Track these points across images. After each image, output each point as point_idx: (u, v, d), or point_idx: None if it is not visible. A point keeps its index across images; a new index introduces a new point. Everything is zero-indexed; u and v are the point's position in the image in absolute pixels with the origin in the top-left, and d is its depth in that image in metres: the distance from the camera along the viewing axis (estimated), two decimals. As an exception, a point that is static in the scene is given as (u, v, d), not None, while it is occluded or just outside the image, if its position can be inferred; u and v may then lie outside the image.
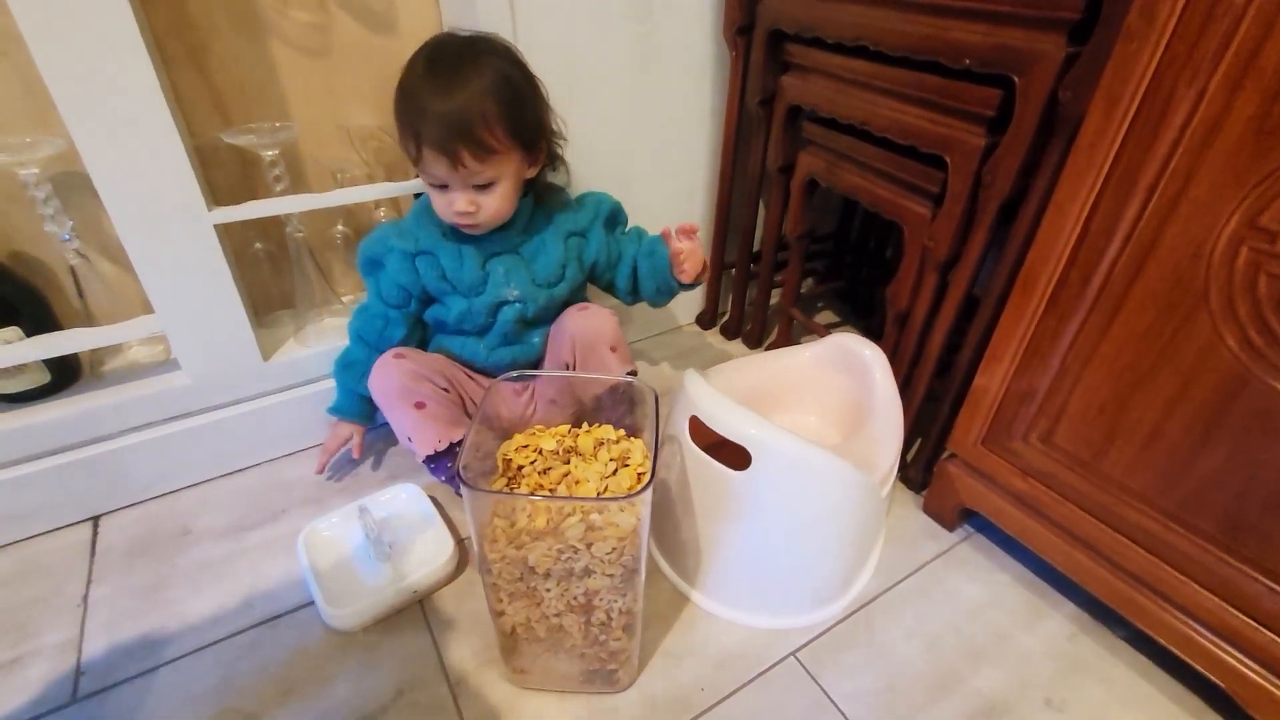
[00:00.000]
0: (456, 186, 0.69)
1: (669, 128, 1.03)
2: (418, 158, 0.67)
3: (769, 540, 0.65)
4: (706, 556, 0.68)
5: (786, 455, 0.61)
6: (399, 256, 0.75)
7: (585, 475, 0.57)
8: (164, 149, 0.66)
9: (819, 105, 0.84)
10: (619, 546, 0.51)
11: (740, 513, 0.64)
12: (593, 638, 0.57)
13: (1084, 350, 0.61)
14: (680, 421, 0.66)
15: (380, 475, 0.87)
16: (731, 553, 0.67)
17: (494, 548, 0.52)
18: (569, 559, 0.51)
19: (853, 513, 0.67)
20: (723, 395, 0.63)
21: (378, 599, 0.68)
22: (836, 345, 0.79)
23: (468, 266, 0.75)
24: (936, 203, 0.73)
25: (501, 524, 0.52)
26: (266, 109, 0.81)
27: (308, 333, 0.87)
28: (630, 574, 0.53)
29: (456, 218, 0.70)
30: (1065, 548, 0.69)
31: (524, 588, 0.54)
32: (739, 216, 1.09)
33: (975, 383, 0.72)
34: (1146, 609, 0.63)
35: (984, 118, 0.65)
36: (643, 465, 0.58)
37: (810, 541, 0.66)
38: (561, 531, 0.50)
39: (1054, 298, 0.62)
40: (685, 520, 0.68)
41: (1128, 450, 0.60)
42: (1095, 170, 0.55)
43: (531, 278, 0.78)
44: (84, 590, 0.72)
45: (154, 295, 0.72)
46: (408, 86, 0.67)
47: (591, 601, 0.54)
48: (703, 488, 0.65)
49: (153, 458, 0.80)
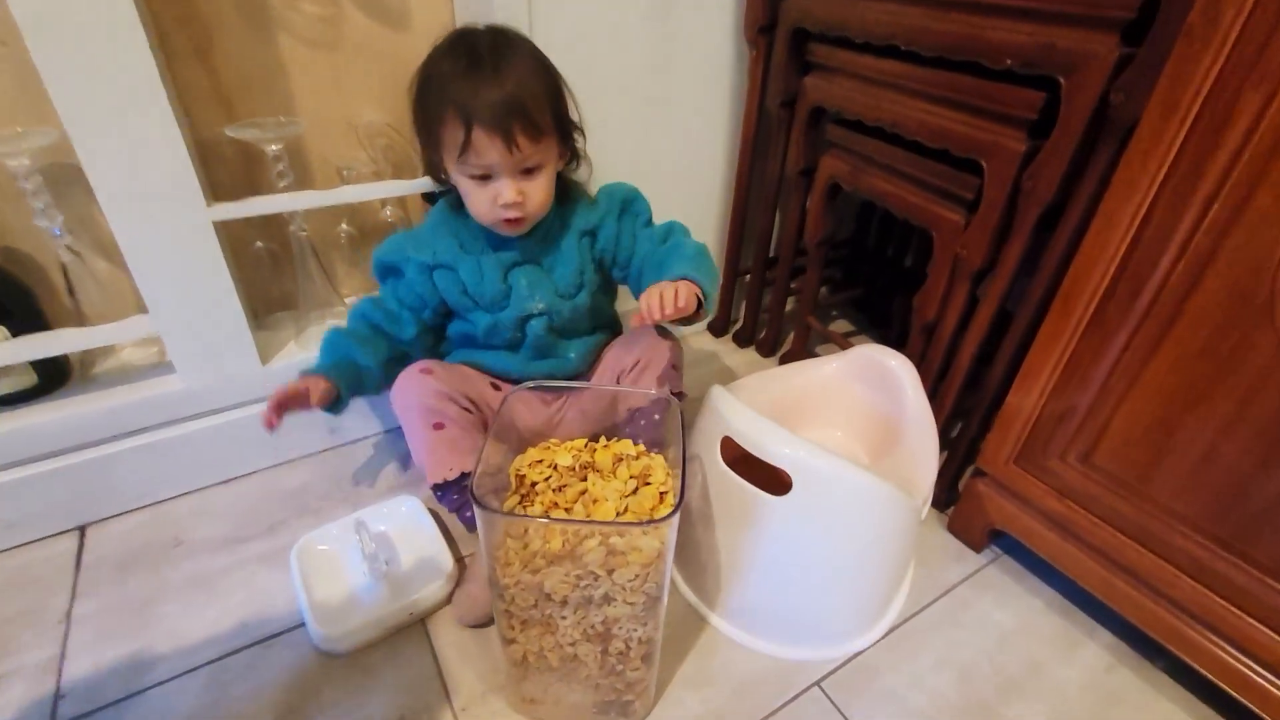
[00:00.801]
0: (504, 174, 0.63)
1: (686, 129, 1.00)
2: (465, 143, 0.60)
3: (803, 568, 0.61)
4: (731, 580, 0.65)
5: (831, 480, 0.57)
6: (416, 268, 0.70)
7: (604, 494, 0.54)
8: (162, 142, 0.63)
9: (844, 107, 0.81)
10: (642, 573, 0.47)
11: (775, 538, 0.60)
12: (609, 667, 0.54)
13: (1131, 367, 0.58)
14: (707, 440, 0.63)
15: (380, 486, 0.84)
16: (760, 578, 0.63)
17: (507, 572, 0.48)
18: (588, 586, 0.48)
19: (893, 539, 0.63)
20: (757, 414, 0.59)
21: (372, 621, 0.64)
22: (862, 357, 0.76)
23: (489, 280, 0.71)
24: (970, 210, 0.70)
25: (515, 545, 0.49)
26: (272, 104, 0.78)
27: (309, 335, 0.83)
28: (653, 602, 0.49)
29: (504, 211, 0.64)
30: (1103, 573, 0.65)
31: (539, 615, 0.50)
32: (755, 221, 1.06)
33: (1009, 399, 0.68)
34: (1192, 641, 0.60)
35: (1025, 121, 0.62)
36: (665, 484, 0.55)
37: (847, 570, 0.62)
38: (580, 556, 0.47)
39: (1099, 311, 0.59)
40: (707, 540, 0.65)
41: (1177, 473, 0.57)
42: (1149, 178, 0.52)
43: (554, 289, 0.73)
44: (68, 605, 0.68)
45: (148, 294, 0.69)
46: (443, 73, 0.62)
47: (610, 630, 0.51)
48: (732, 509, 0.62)
49: (144, 465, 0.76)
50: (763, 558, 0.62)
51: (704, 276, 0.67)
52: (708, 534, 0.64)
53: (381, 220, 0.90)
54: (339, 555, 0.71)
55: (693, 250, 0.71)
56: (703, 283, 0.66)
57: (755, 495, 0.58)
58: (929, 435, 0.69)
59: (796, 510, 0.58)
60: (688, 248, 0.71)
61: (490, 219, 0.67)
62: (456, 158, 0.63)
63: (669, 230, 0.76)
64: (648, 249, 0.74)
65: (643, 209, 0.77)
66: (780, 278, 1.06)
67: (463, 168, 0.64)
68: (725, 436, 0.60)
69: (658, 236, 0.75)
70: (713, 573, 0.66)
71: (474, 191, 0.65)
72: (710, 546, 0.65)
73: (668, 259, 0.70)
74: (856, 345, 0.78)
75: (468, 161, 0.62)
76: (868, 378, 0.76)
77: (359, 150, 0.85)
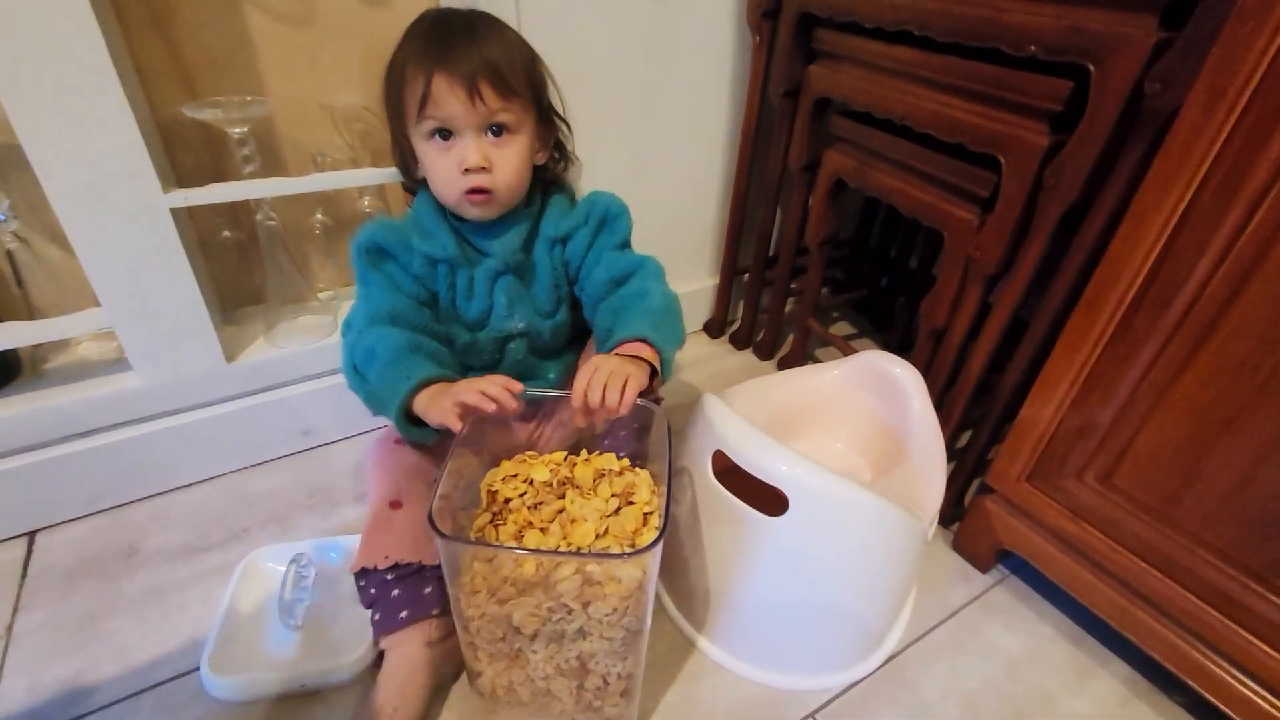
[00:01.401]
0: (468, 132, 0.57)
1: (684, 120, 0.95)
2: (424, 95, 0.54)
3: (800, 592, 0.57)
4: (721, 604, 0.60)
5: (832, 500, 0.52)
6: (422, 260, 0.62)
7: (583, 513, 0.49)
8: (112, 122, 0.58)
9: (851, 97, 0.76)
10: (620, 606, 0.43)
11: (769, 561, 0.56)
12: (585, 703, 0.50)
13: (1159, 382, 0.53)
14: (697, 453, 0.58)
15: (355, 492, 0.79)
16: (752, 603, 0.59)
17: (473, 601, 0.44)
18: (560, 620, 0.43)
19: (896, 563, 0.59)
20: (753, 427, 0.55)
21: (258, 680, 0.57)
22: (866, 364, 0.71)
23: (478, 294, 0.64)
24: (985, 208, 0.66)
25: (483, 569, 0.45)
26: (239, 83, 0.72)
27: (279, 331, 0.79)
28: (633, 636, 0.45)
29: (467, 180, 0.57)
30: (1120, 601, 0.61)
31: (507, 649, 0.46)
32: (755, 218, 1.01)
33: (1023, 412, 0.64)
34: (1216, 677, 0.56)
35: (1049, 113, 0.57)
36: (650, 504, 0.50)
37: (846, 595, 0.58)
38: (553, 584, 0.42)
39: (1125, 321, 0.54)
40: (696, 559, 0.60)
41: (1208, 500, 0.53)
42: (1188, 175, 0.47)
43: (534, 306, 0.67)
44: (9, 619, 0.63)
45: (100, 286, 0.64)
46: (414, 41, 0.58)
47: (586, 665, 0.47)
48: (724, 529, 0.57)
49: (99, 467, 0.71)
50: (756, 581, 0.57)
51: (666, 339, 0.56)
52: (696, 553, 0.60)
53: (359, 210, 0.85)
54: (276, 584, 0.63)
55: (659, 304, 0.60)
56: (663, 348, 0.56)
57: (749, 515, 0.54)
58: (936, 449, 0.65)
59: (793, 532, 0.53)
60: (654, 298, 0.60)
61: (454, 193, 0.59)
62: (415, 117, 0.56)
63: (637, 266, 0.64)
64: (605, 275, 0.64)
65: (622, 229, 0.67)
66: (780, 278, 1.01)
67: (421, 126, 0.57)
68: (717, 450, 0.55)
69: (620, 267, 0.64)
70: (701, 595, 0.61)
71: (437, 159, 0.58)
72: (699, 566, 0.60)
73: (628, 308, 0.60)
74: (860, 351, 0.73)
75: (425, 115, 0.56)
76: (871, 386, 0.71)
77: (334, 135, 0.80)
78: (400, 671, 0.53)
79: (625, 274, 0.64)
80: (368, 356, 0.58)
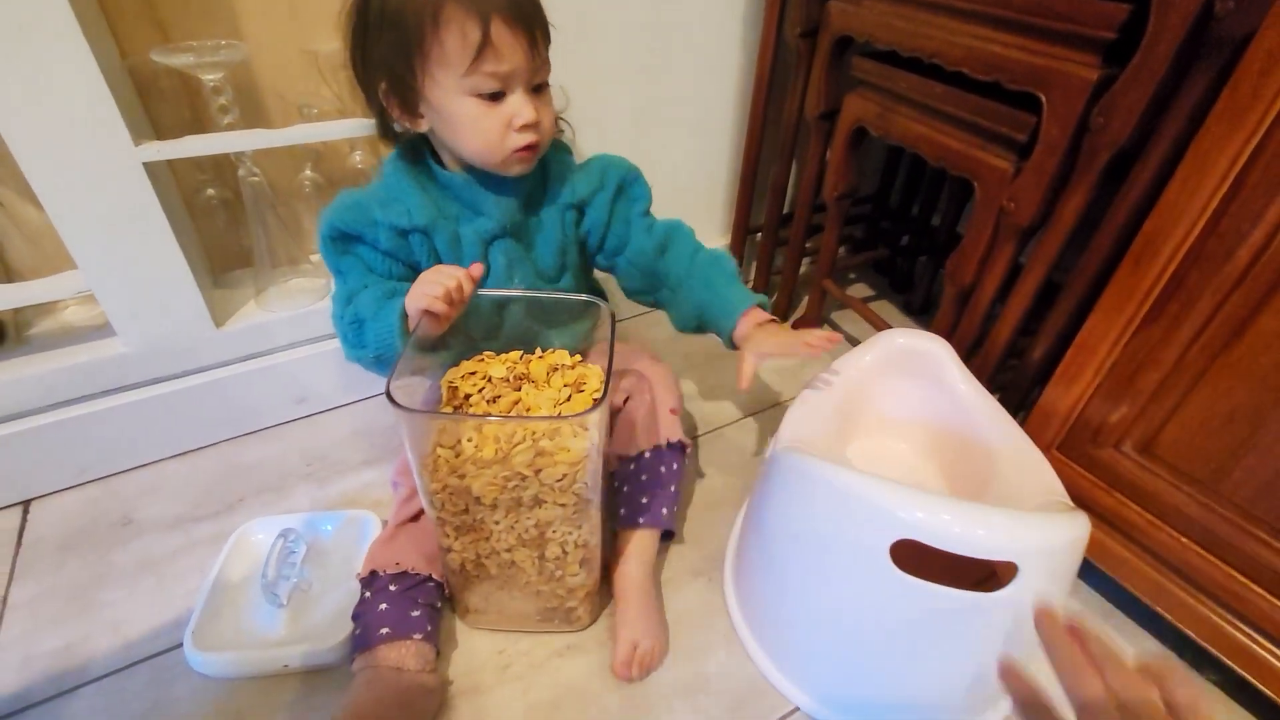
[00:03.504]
0: (520, 87, 0.52)
1: (691, 65, 0.88)
2: (482, 45, 0.48)
3: (958, 654, 0.49)
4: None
5: (1061, 551, 0.45)
6: (388, 233, 0.57)
7: (537, 403, 0.52)
8: (73, 68, 0.54)
9: (875, 35, 0.70)
10: (570, 472, 0.47)
11: (980, 638, 0.48)
12: (548, 573, 0.54)
13: (1214, 343, 0.49)
14: (850, 543, 0.48)
15: (352, 461, 0.76)
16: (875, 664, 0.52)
17: (436, 477, 0.47)
18: (516, 487, 0.47)
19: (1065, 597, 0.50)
20: (937, 494, 0.45)
21: (240, 658, 0.55)
22: (894, 345, 0.64)
23: (468, 254, 0.59)
24: (1022, 155, 0.60)
25: (445, 454, 0.47)
26: (215, 28, 0.67)
27: (270, 295, 0.75)
28: (584, 503, 0.49)
29: (521, 138, 0.53)
30: (1155, 577, 0.57)
31: (470, 521, 0.50)
32: (769, 172, 0.95)
33: (1053, 379, 0.59)
34: (1259, 658, 0.52)
35: (1100, 42, 0.51)
36: (599, 390, 0.51)
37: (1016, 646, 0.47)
38: (509, 459, 0.46)
39: (1178, 275, 0.49)
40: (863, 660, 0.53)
41: (1261, 471, 0.48)
42: (1262, 108, 0.42)
43: (535, 270, 0.63)
44: (4, 589, 0.62)
45: (74, 246, 0.61)
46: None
47: (544, 534, 0.51)
48: (904, 617, 0.48)
49: (88, 436, 0.69)
50: (957, 662, 0.50)
51: (762, 298, 0.62)
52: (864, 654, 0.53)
53: (351, 166, 0.80)
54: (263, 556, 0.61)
55: (732, 266, 0.65)
56: (765, 305, 0.62)
57: (954, 598, 0.45)
58: (1012, 428, 0.56)
59: (1013, 602, 0.44)
60: (725, 264, 0.64)
61: (499, 152, 0.54)
62: (465, 68, 0.49)
63: (674, 230, 0.65)
64: (645, 244, 0.64)
65: (641, 193, 0.65)
66: (795, 236, 0.96)
67: (470, 80, 0.50)
68: (901, 540, 0.44)
69: (657, 235, 0.64)
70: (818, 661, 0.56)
71: (482, 117, 0.52)
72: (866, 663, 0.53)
73: (716, 280, 0.63)
74: (884, 332, 0.66)
75: (482, 69, 0.49)
76: (907, 368, 0.64)
77: (320, 85, 0.75)
78: (367, 693, 0.50)
79: (666, 240, 0.65)
80: (356, 323, 0.55)
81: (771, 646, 0.58)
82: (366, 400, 0.84)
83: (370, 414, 0.83)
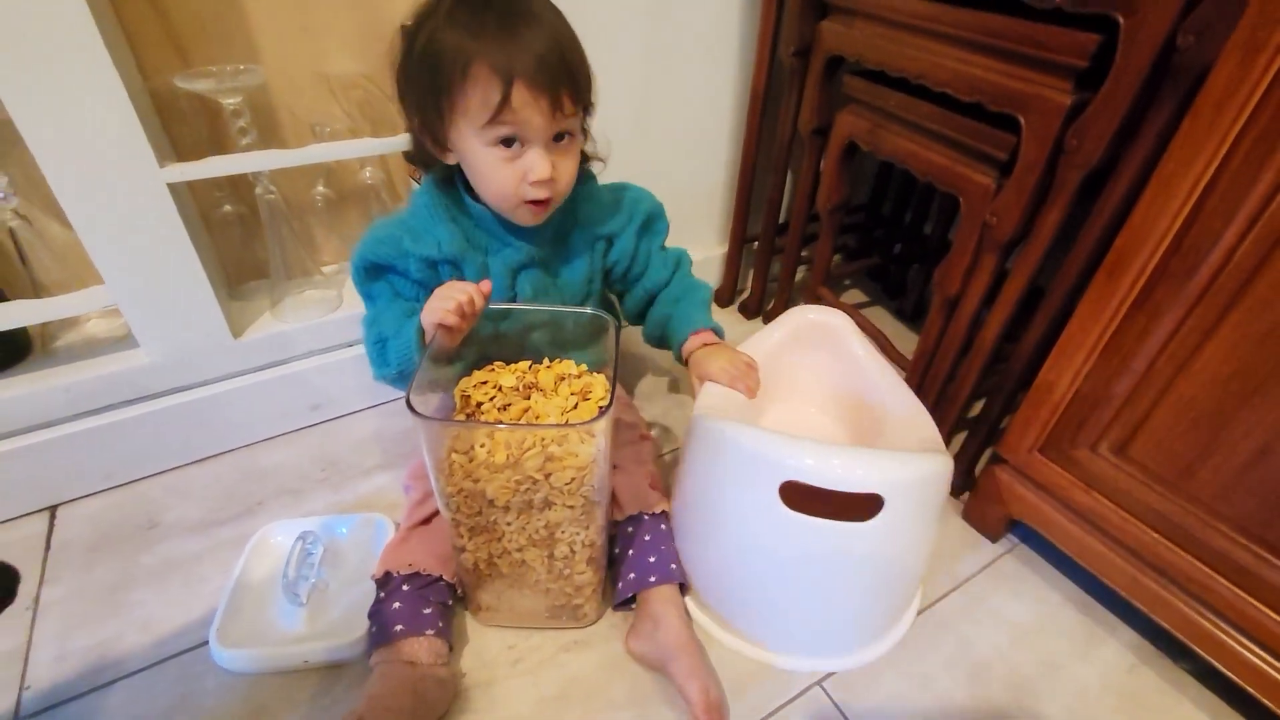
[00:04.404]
0: (537, 143, 0.54)
1: (689, 82, 0.92)
2: (501, 104, 0.50)
3: (875, 581, 0.57)
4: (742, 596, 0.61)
5: (924, 484, 0.52)
6: (419, 264, 0.60)
7: (546, 410, 0.56)
8: (102, 94, 0.57)
9: (865, 55, 0.73)
10: (578, 476, 0.50)
11: (853, 566, 0.55)
12: (557, 572, 0.57)
13: (1180, 352, 0.52)
14: (746, 487, 0.54)
15: (365, 465, 0.79)
16: (804, 604, 0.59)
17: (451, 481, 0.50)
18: (528, 490, 0.50)
19: (934, 526, 0.58)
20: (820, 442, 0.51)
21: (264, 654, 0.58)
22: (801, 320, 0.70)
23: (495, 285, 0.60)
24: (1003, 172, 0.63)
25: (460, 459, 0.49)
26: (231, 51, 0.70)
27: (285, 306, 0.78)
28: (591, 505, 0.52)
29: (533, 191, 0.55)
30: (1130, 570, 0.61)
31: (484, 522, 0.53)
32: (764, 184, 0.98)
33: (1036, 383, 0.63)
34: (1225, 645, 0.56)
35: (1073, 69, 0.54)
36: (604, 398, 0.54)
37: (913, 564, 0.58)
38: (521, 464, 0.49)
39: (1147, 288, 0.52)
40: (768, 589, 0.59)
41: (1225, 471, 0.52)
42: (1219, 135, 0.45)
43: (561, 299, 0.66)
44: (36, 590, 0.65)
45: (101, 263, 0.63)
46: (458, 23, 0.51)
47: (553, 535, 0.54)
48: (793, 549, 0.55)
49: (113, 443, 0.72)
50: (837, 588, 0.57)
51: (717, 325, 0.70)
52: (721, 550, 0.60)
53: (361, 182, 0.84)
54: (283, 557, 0.64)
55: (705, 295, 0.72)
56: (719, 331, 0.69)
57: (835, 529, 0.52)
58: (907, 397, 0.63)
59: (886, 530, 0.52)
60: (701, 291, 0.72)
61: (512, 201, 0.57)
62: (483, 123, 0.52)
63: (678, 261, 0.73)
64: (661, 276, 0.72)
65: (663, 229, 0.72)
66: (790, 245, 0.99)
67: (488, 134, 0.53)
68: (787, 481, 0.51)
69: (669, 264, 0.72)
70: (719, 586, 0.62)
71: (497, 167, 0.55)
72: (726, 565, 0.60)
73: (688, 303, 0.70)
74: (794, 308, 0.72)
75: (501, 125, 0.52)
76: (814, 341, 0.70)
77: (332, 105, 0.78)
78: (383, 686, 0.53)
79: (674, 268, 0.72)
80: (380, 342, 0.60)
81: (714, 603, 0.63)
82: (379, 406, 0.87)
83: (382, 420, 0.86)
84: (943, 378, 0.76)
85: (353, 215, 0.86)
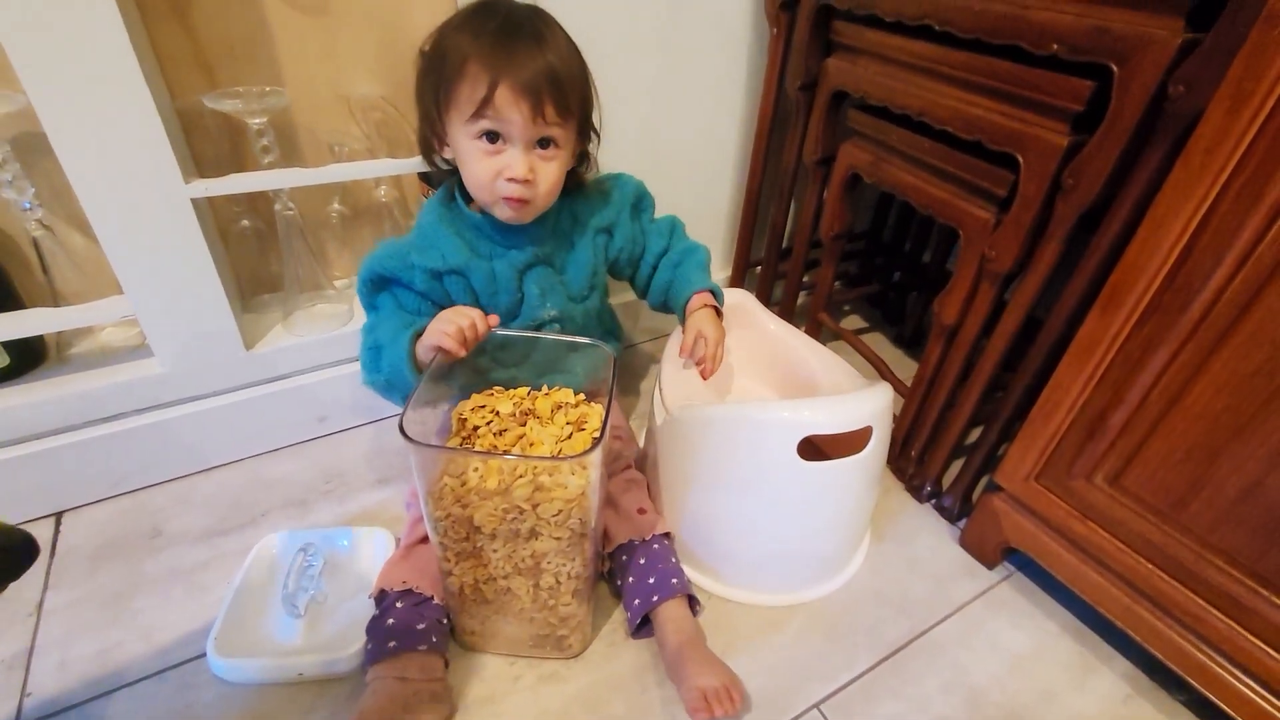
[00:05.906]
0: (518, 143, 0.57)
1: (698, 111, 0.94)
2: (485, 99, 0.54)
3: (816, 520, 0.66)
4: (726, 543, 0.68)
5: (883, 413, 0.62)
6: (423, 276, 0.63)
7: (540, 438, 0.56)
8: (134, 112, 0.59)
9: (869, 92, 0.76)
10: (566, 509, 0.50)
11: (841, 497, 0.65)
12: (541, 601, 0.56)
13: (1172, 386, 0.53)
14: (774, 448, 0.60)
15: (368, 479, 0.80)
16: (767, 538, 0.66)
17: (440, 505, 0.51)
18: (515, 519, 0.50)
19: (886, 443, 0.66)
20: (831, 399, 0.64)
21: (259, 665, 0.59)
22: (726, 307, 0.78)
23: (504, 288, 0.65)
24: (1002, 207, 0.65)
25: (451, 483, 0.50)
26: (256, 72, 0.73)
27: (296, 319, 0.80)
28: (578, 538, 0.52)
29: (507, 187, 0.58)
30: (1126, 601, 0.62)
31: (470, 548, 0.53)
32: (769, 211, 1.00)
33: (1033, 413, 0.64)
34: (1219, 678, 0.56)
35: (1069, 113, 0.56)
36: (599, 430, 0.53)
37: (872, 492, 0.69)
38: (510, 492, 0.49)
39: (1140, 323, 0.54)
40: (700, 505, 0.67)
41: (1217, 503, 0.53)
42: (1209, 179, 0.47)
43: (567, 293, 0.69)
44: (39, 597, 0.65)
45: (123, 274, 0.65)
46: (473, 30, 0.56)
47: (539, 564, 0.53)
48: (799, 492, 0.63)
49: (122, 451, 0.73)
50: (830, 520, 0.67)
51: (716, 286, 0.74)
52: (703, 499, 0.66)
53: (375, 200, 0.86)
54: (283, 568, 0.64)
55: (702, 257, 0.76)
56: (718, 293, 0.73)
57: (844, 466, 0.61)
58: (811, 345, 0.76)
59: (873, 455, 0.62)
60: (699, 254, 0.76)
61: (489, 194, 0.60)
62: (469, 115, 0.56)
63: (672, 227, 0.78)
64: (660, 245, 0.76)
65: (650, 203, 0.77)
66: (793, 270, 1.01)
67: (473, 126, 0.56)
68: (806, 437, 0.58)
69: (664, 232, 0.76)
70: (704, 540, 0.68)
71: (478, 159, 0.58)
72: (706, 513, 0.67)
73: (688, 266, 0.75)
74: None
75: (484, 119, 0.55)
76: (734, 322, 0.76)
77: (351, 125, 0.80)
78: (374, 701, 0.53)
79: (669, 233, 0.77)
80: (374, 349, 0.62)
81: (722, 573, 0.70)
82: (383, 421, 0.88)
83: (387, 435, 0.87)
84: (940, 404, 0.78)
85: (366, 231, 0.88)
